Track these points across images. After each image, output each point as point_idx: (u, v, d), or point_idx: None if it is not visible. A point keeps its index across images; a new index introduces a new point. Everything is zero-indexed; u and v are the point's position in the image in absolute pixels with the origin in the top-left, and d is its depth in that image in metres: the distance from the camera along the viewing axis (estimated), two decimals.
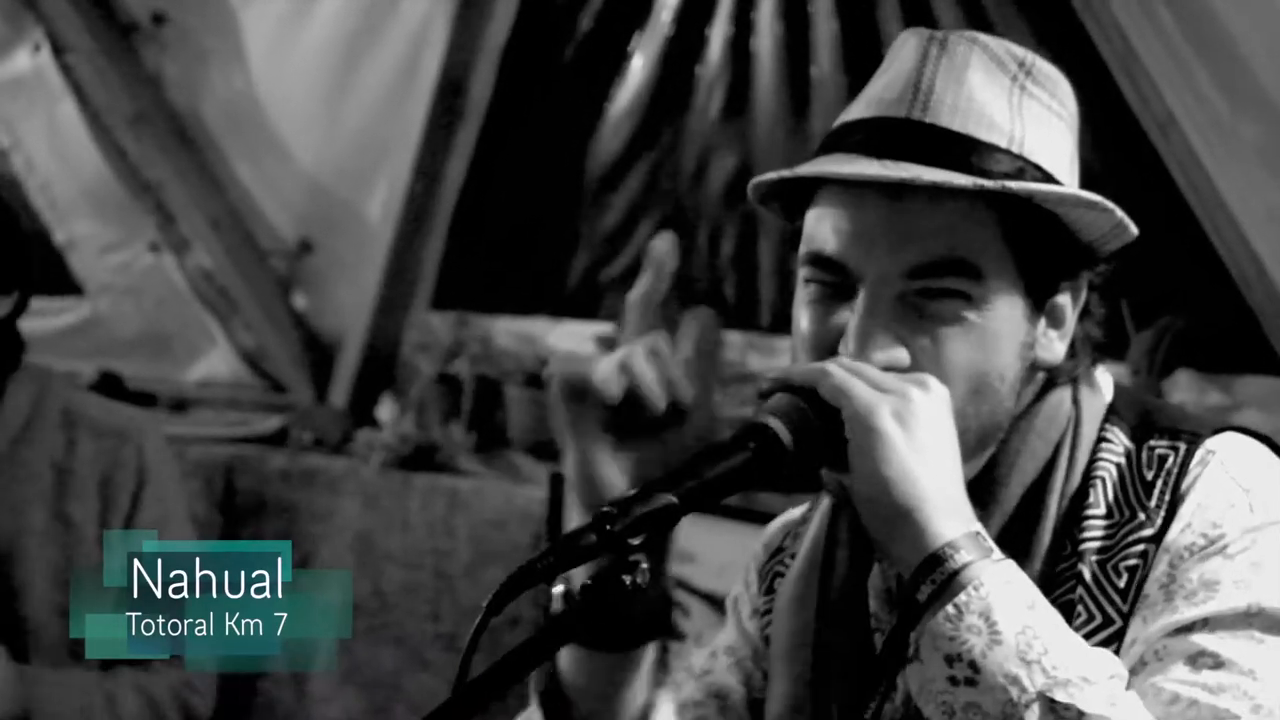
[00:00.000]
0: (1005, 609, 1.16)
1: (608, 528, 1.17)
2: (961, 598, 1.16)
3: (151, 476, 2.53)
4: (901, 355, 1.26)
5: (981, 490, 1.31)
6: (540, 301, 4.00)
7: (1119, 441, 1.33)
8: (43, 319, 4.45)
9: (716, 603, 3.28)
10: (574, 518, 1.29)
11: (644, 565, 1.18)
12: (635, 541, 1.17)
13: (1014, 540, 1.29)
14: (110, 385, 4.36)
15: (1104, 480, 1.31)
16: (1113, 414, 1.35)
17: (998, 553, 1.19)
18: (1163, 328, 2.68)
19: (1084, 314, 1.36)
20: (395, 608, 3.93)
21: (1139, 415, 1.35)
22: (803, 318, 1.31)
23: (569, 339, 3.92)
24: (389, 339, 4.16)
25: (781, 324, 3.56)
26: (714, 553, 3.19)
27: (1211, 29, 2.68)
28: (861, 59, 3.32)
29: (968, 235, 1.26)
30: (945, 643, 1.16)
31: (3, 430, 2.49)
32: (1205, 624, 1.20)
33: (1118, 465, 1.31)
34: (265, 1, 4.16)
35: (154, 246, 4.51)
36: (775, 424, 1.23)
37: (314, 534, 4.10)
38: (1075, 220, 1.29)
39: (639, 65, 3.72)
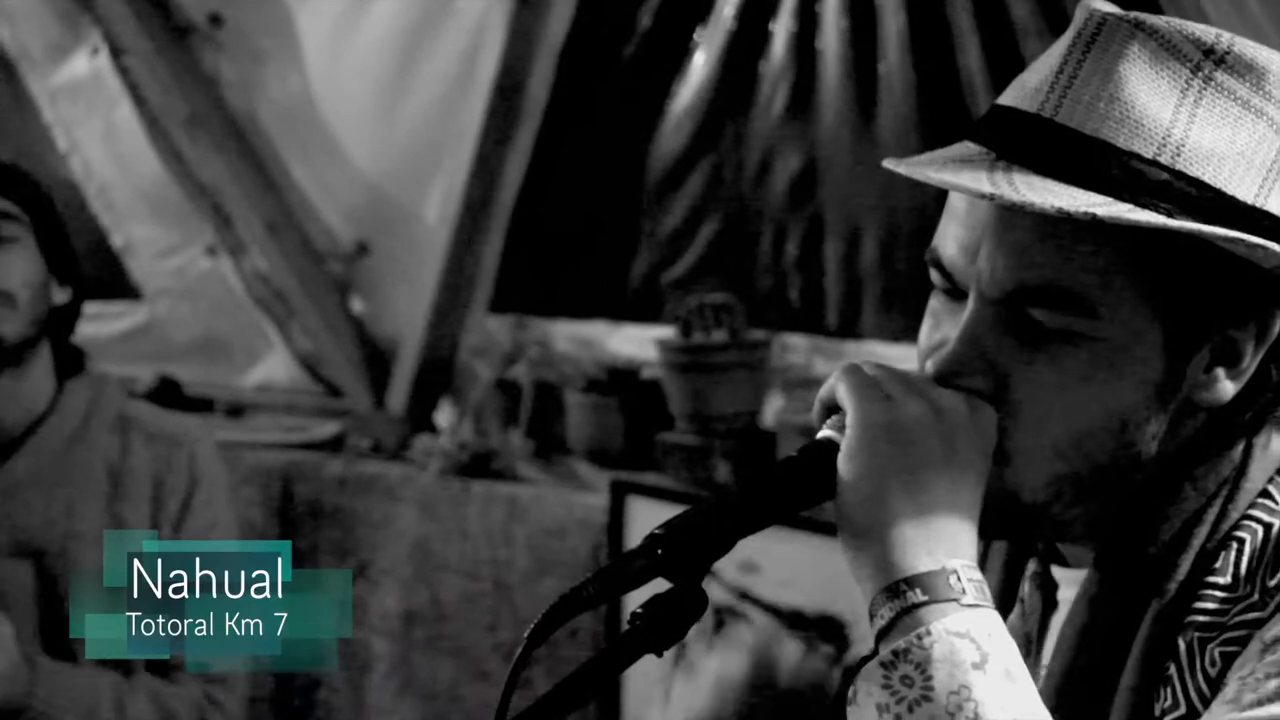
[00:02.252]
0: (945, 664, 1.05)
1: (658, 552, 1.12)
2: (902, 643, 1.06)
3: (202, 482, 2.58)
4: (983, 387, 1.16)
5: (1131, 537, 1.19)
6: (600, 304, 3.98)
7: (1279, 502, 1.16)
8: (101, 323, 4.46)
9: (781, 614, 3.22)
10: None
11: (701, 590, 1.12)
12: (689, 566, 1.12)
13: (1145, 597, 1.17)
14: (169, 390, 4.35)
15: (1244, 544, 1.15)
16: None
17: (970, 597, 1.08)
18: None
19: None
20: (453, 618, 3.90)
21: None
22: (925, 322, 1.22)
23: (630, 343, 3.90)
24: (447, 343, 4.13)
25: (847, 327, 3.54)
26: (779, 564, 3.15)
27: None
28: (930, 54, 3.27)
29: (1078, 265, 1.12)
30: (877, 690, 1.06)
31: (58, 431, 2.52)
32: None
33: (1266, 529, 1.14)
34: (321, 2, 4.14)
35: (211, 250, 4.50)
36: (837, 437, 1.16)
37: (371, 542, 4.08)
38: (1233, 250, 1.12)
39: (700, 62, 3.69)
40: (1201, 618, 1.13)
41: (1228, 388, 1.17)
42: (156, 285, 4.62)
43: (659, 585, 1.16)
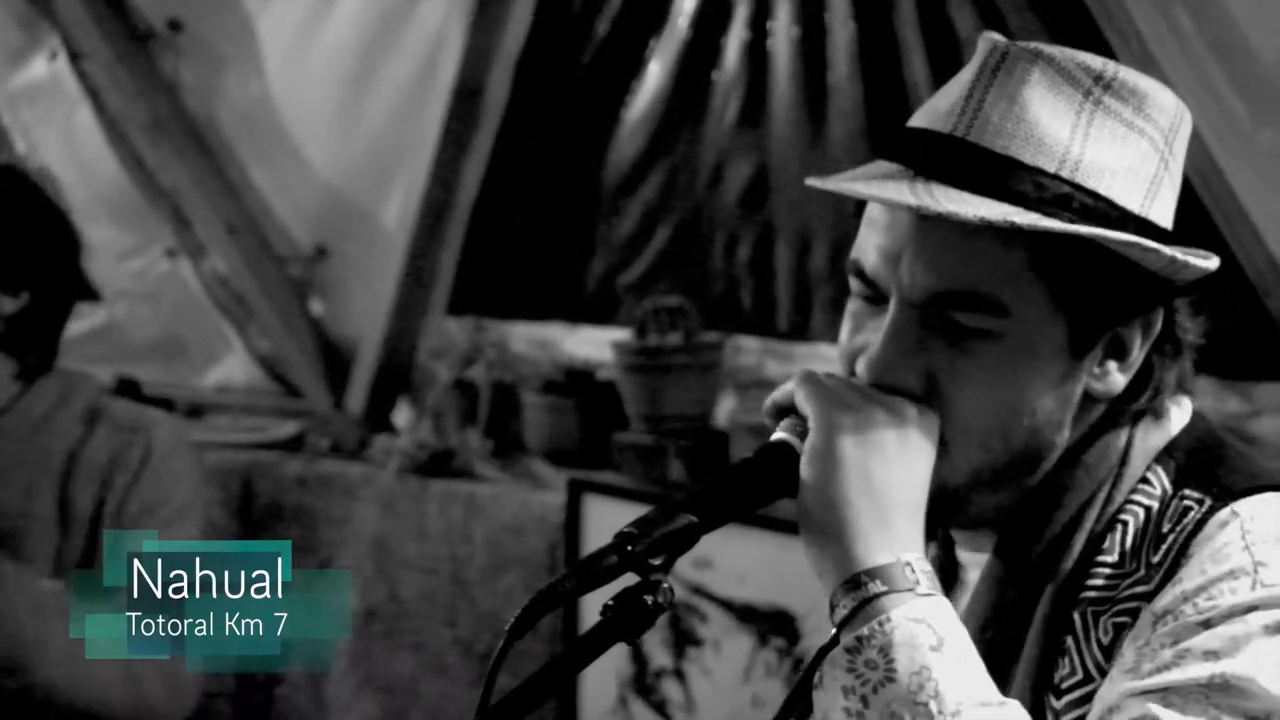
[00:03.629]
0: (905, 647, 1.13)
1: (629, 548, 1.18)
2: (865, 630, 1.15)
3: (155, 460, 2.55)
4: (914, 384, 1.25)
5: (1030, 521, 1.29)
6: (557, 307, 4.00)
7: (1158, 484, 1.27)
8: (66, 321, 4.48)
9: (734, 609, 3.29)
10: None
11: (666, 585, 1.19)
12: (656, 562, 1.19)
13: (1043, 577, 1.27)
14: (128, 390, 4.37)
15: (1127, 525, 1.26)
16: (1167, 453, 1.29)
17: (924, 586, 1.17)
18: None
19: (1168, 341, 1.29)
20: (412, 614, 3.94)
21: (1191, 456, 1.28)
22: (844, 326, 1.31)
23: (586, 345, 3.93)
24: (405, 345, 4.16)
25: (798, 330, 3.58)
26: (732, 560, 3.21)
27: (1229, 34, 2.67)
28: (877, 66, 3.32)
29: (991, 269, 1.22)
30: (842, 674, 1.15)
31: (23, 417, 2.54)
32: (1162, 692, 1.13)
33: (1147, 510, 1.26)
34: (281, 8, 4.15)
35: (170, 252, 4.53)
36: (794, 440, 1.24)
37: (331, 539, 4.12)
38: (1127, 253, 1.22)
39: (655, 71, 3.71)
40: (1093, 593, 1.23)
41: (1119, 380, 1.28)
42: (116, 287, 4.63)
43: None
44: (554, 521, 3.61)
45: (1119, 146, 1.24)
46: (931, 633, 1.14)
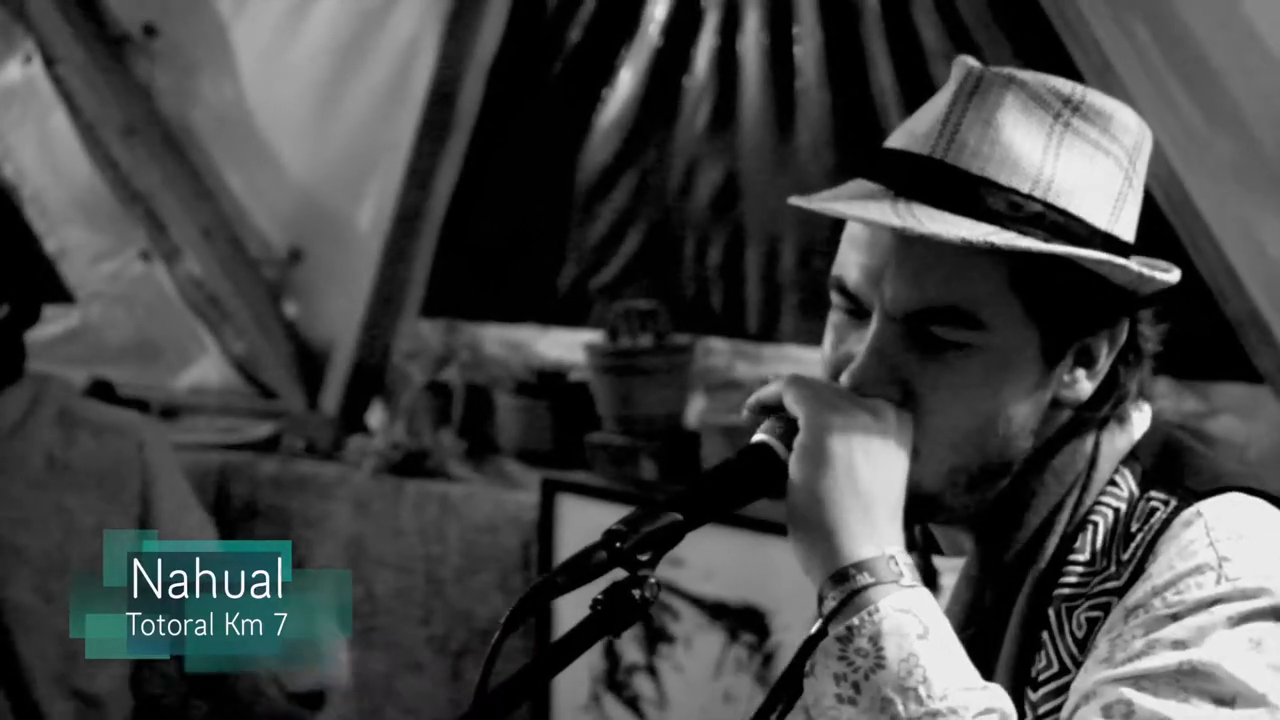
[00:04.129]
0: (894, 636, 1.19)
1: (617, 545, 1.23)
2: (855, 620, 1.20)
3: (158, 471, 2.60)
4: (894, 395, 1.30)
5: (1003, 524, 1.34)
6: (529, 309, 4.03)
7: (1125, 487, 1.33)
8: (34, 327, 4.49)
9: (705, 606, 3.34)
10: None
11: (652, 580, 1.23)
12: (643, 558, 1.23)
13: (1018, 576, 1.32)
14: (102, 392, 4.39)
15: (1097, 526, 1.32)
16: (1133, 457, 1.35)
17: (908, 578, 1.22)
18: None
19: (1131, 350, 1.35)
20: (387, 612, 3.97)
21: (1156, 459, 1.34)
22: (827, 336, 1.36)
23: (558, 347, 3.96)
24: (379, 347, 4.19)
25: (767, 332, 3.62)
26: (702, 558, 3.26)
27: (1187, 46, 2.72)
28: (845, 74, 3.36)
29: (972, 284, 1.28)
30: (834, 662, 1.20)
31: None
32: (1135, 679, 1.19)
33: (1115, 511, 1.31)
34: (256, 14, 4.18)
35: (145, 255, 4.54)
36: (774, 442, 1.30)
37: (306, 539, 4.13)
38: (1097, 269, 1.28)
39: (627, 78, 3.74)
40: (1066, 590, 1.29)
41: (1086, 388, 1.34)
42: (90, 289, 4.65)
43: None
44: (527, 520, 3.65)
45: (1087, 166, 1.29)
46: (917, 622, 1.20)
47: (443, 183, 4.01)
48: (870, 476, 1.25)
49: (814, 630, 1.24)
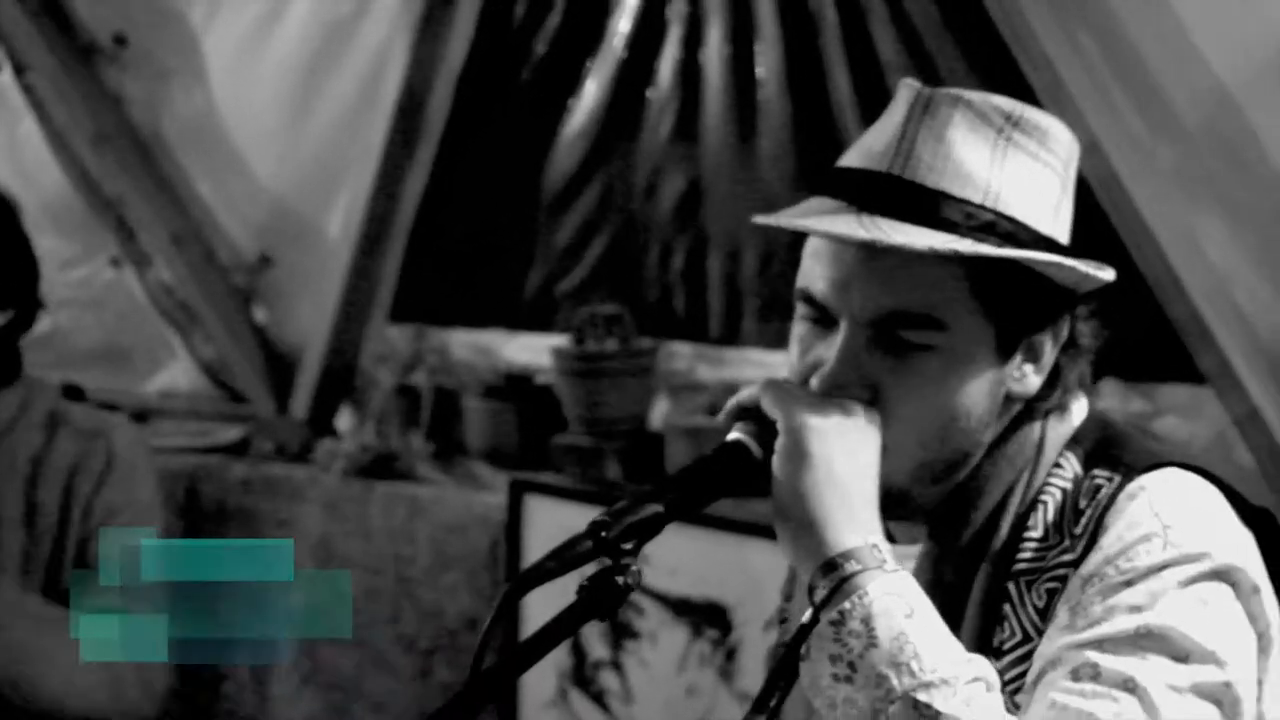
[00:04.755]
0: (884, 617, 1.27)
1: (602, 534, 1.30)
2: (846, 605, 1.28)
3: (118, 463, 2.65)
4: (863, 396, 1.39)
5: (960, 509, 1.43)
6: (496, 314, 4.06)
7: (1070, 469, 1.42)
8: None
9: (670, 603, 3.40)
10: None
11: (635, 567, 1.31)
12: (627, 547, 1.31)
13: (975, 555, 1.41)
14: (73, 397, 4.42)
15: (1047, 505, 1.41)
16: (1074, 442, 1.44)
17: (891, 564, 1.31)
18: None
19: (1071, 345, 1.45)
20: (356, 611, 3.96)
21: (1096, 443, 1.44)
22: (793, 345, 1.45)
23: (525, 351, 4.00)
24: (348, 351, 4.23)
25: (729, 336, 3.67)
26: (667, 555, 3.31)
27: (1131, 59, 2.80)
28: (805, 85, 3.42)
29: (933, 290, 1.37)
30: (829, 644, 1.29)
31: None
32: (1096, 643, 1.29)
33: (1063, 491, 1.41)
34: (227, 24, 4.21)
35: (115, 261, 4.58)
36: (748, 440, 1.38)
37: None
38: (1046, 271, 1.38)
39: (592, 88, 3.77)
40: (1023, 565, 1.39)
41: (1034, 381, 1.44)
42: (60, 295, 4.66)
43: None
44: (495, 521, 3.69)
45: (1028, 176, 1.40)
46: (904, 603, 1.29)
47: (411, 190, 4.04)
48: (848, 471, 1.34)
49: (805, 619, 1.32)
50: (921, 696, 1.24)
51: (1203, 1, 2.73)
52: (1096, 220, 2.76)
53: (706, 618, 3.34)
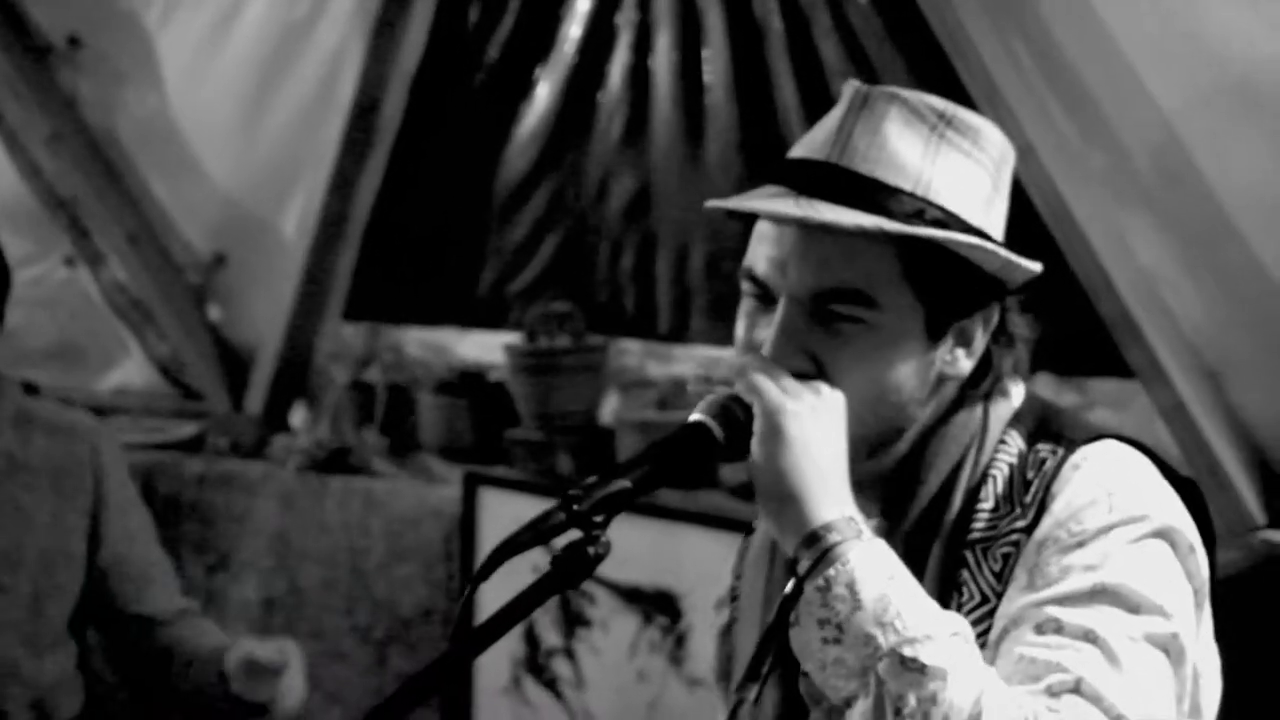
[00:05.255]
0: (867, 581, 1.35)
1: (574, 508, 1.37)
2: (831, 571, 1.36)
3: (110, 471, 2.72)
4: (805, 366, 1.47)
5: (905, 485, 1.52)
6: (450, 312, 4.12)
7: (1015, 445, 1.50)
8: None
9: (620, 591, 3.48)
10: None
11: (605, 539, 1.37)
12: (597, 519, 1.37)
13: (929, 527, 1.50)
14: (29, 393, 4.44)
15: (996, 478, 1.49)
16: (1016, 420, 1.53)
17: (867, 533, 1.39)
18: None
19: (1003, 334, 1.53)
20: (312, 603, 4.07)
21: (1037, 421, 1.52)
22: (739, 323, 1.53)
23: (477, 348, 4.06)
24: (303, 348, 4.28)
25: (677, 333, 3.74)
26: (618, 544, 3.35)
27: (1063, 67, 2.88)
28: (751, 90, 3.49)
29: (866, 267, 1.45)
30: (817, 609, 1.36)
31: None
32: (1056, 601, 1.38)
33: (1010, 465, 1.49)
34: (182, 26, 4.25)
35: (69, 260, 4.62)
36: (709, 421, 1.45)
37: (231, 534, 4.23)
38: (971, 256, 1.46)
39: (544, 92, 3.83)
40: (978, 534, 1.48)
41: (966, 364, 1.53)
42: (14, 294, 4.69)
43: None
44: (449, 514, 3.76)
45: (960, 171, 1.48)
46: (884, 567, 1.38)
47: (366, 190, 4.10)
48: (822, 450, 1.42)
49: (788, 590, 1.41)
50: (907, 651, 1.32)
51: (1131, 12, 2.81)
52: (1032, 223, 2.85)
53: (657, 605, 3.42)
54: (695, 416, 1.47)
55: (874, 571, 1.37)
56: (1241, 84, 2.68)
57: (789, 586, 1.41)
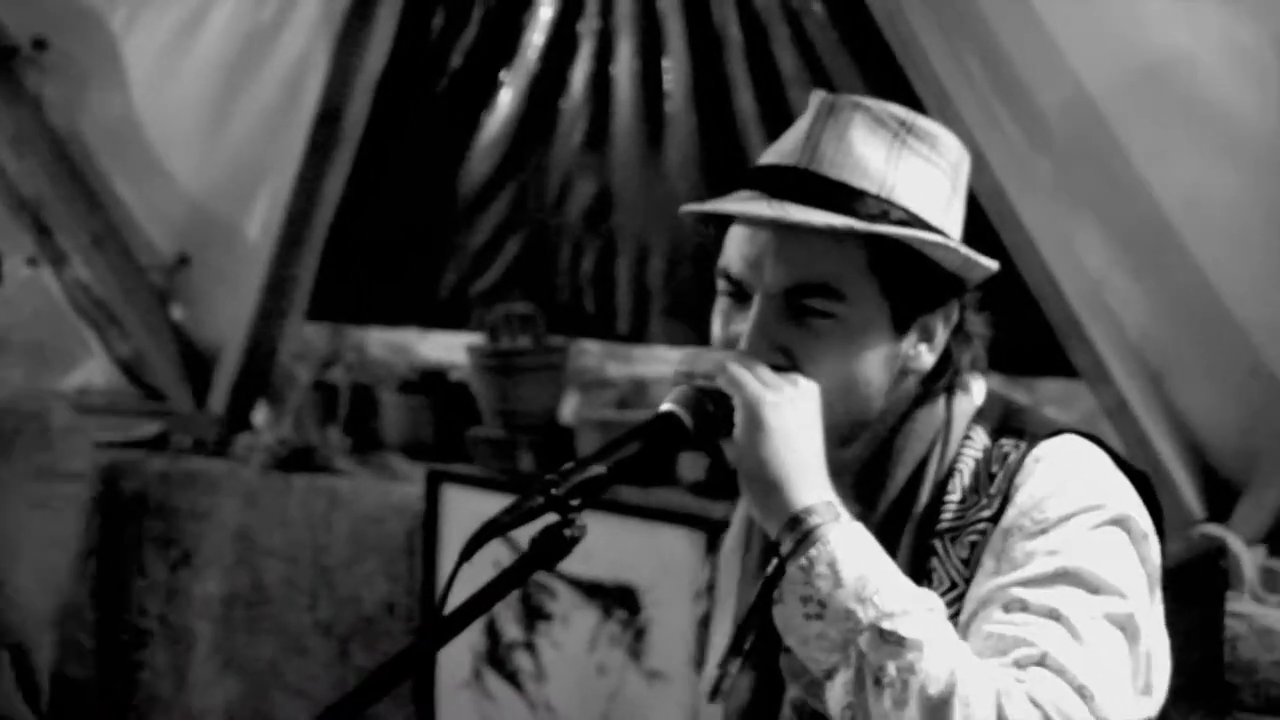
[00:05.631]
0: (847, 560, 1.43)
1: (552, 492, 1.44)
2: (813, 551, 1.44)
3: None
4: (780, 359, 1.55)
5: (875, 476, 1.61)
6: (412, 313, 4.17)
7: (979, 440, 1.59)
8: None
9: (581, 586, 3.54)
10: None
11: (580, 522, 1.44)
12: (574, 503, 1.44)
13: (899, 516, 1.58)
14: None
15: (963, 472, 1.58)
16: (980, 416, 1.61)
17: (845, 516, 1.47)
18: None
19: (961, 331, 1.62)
20: (275, 599, 4.11)
21: (1000, 418, 1.61)
22: (715, 320, 1.61)
23: (439, 348, 4.12)
24: (266, 349, 4.31)
25: (637, 334, 3.80)
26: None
27: (1012, 77, 2.96)
28: (710, 97, 3.55)
29: (835, 265, 1.54)
30: (800, 586, 1.44)
31: None
32: (1022, 583, 1.47)
33: (975, 460, 1.58)
34: (148, 29, 4.28)
35: (32, 260, 4.65)
36: (680, 411, 1.53)
37: (194, 532, 4.27)
38: (933, 254, 1.55)
39: (507, 98, 3.88)
40: (946, 524, 1.57)
41: (928, 360, 1.62)
42: None
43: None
44: (412, 510, 3.80)
45: (920, 175, 1.57)
46: (862, 548, 1.46)
47: (330, 193, 4.13)
48: (801, 438, 1.50)
49: (770, 571, 1.48)
50: (886, 625, 1.40)
51: (1075, 24, 2.88)
52: (983, 229, 2.89)
53: (616, 599, 3.47)
54: (666, 406, 1.54)
55: (853, 551, 1.45)
56: (1186, 98, 2.76)
57: (771, 567, 1.49)
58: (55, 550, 2.73)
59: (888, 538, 1.55)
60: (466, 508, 3.69)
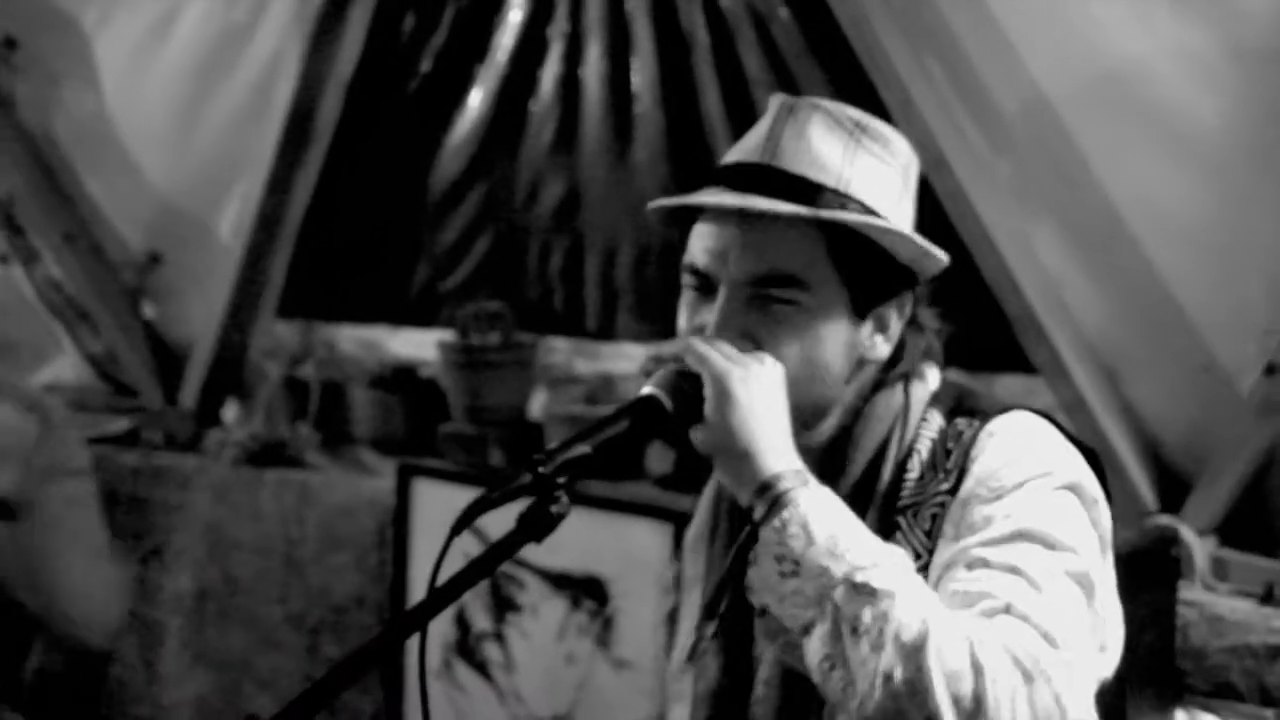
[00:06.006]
0: (817, 520, 1.52)
1: (539, 470, 1.51)
2: (785, 514, 1.52)
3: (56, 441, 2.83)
4: (745, 346, 1.63)
5: (837, 459, 1.69)
6: (382, 311, 4.20)
7: (935, 422, 1.68)
8: None
9: (550, 577, 3.58)
10: None
11: (566, 500, 1.51)
12: (560, 481, 1.51)
13: (862, 496, 1.66)
14: None
15: (921, 451, 1.67)
16: (935, 401, 1.71)
17: (814, 481, 1.56)
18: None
19: (914, 323, 1.72)
20: (246, 592, 4.13)
21: (954, 401, 1.71)
22: (681, 313, 1.70)
23: (409, 345, 4.16)
24: (237, 345, 4.34)
25: (605, 331, 3.84)
26: None
27: (973, 81, 3.02)
28: (677, 99, 3.60)
29: (797, 254, 1.63)
30: (774, 547, 1.52)
31: None
32: (982, 544, 1.55)
33: (932, 440, 1.67)
34: (120, 29, 4.30)
35: (3, 258, 4.66)
36: (659, 394, 1.61)
37: (165, 526, 4.28)
38: (890, 245, 1.65)
39: (477, 99, 3.91)
40: (906, 500, 1.66)
41: (884, 349, 1.72)
42: None
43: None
44: (382, 504, 3.83)
45: (874, 172, 1.67)
46: (831, 508, 1.54)
47: (301, 191, 4.16)
48: (766, 409, 1.58)
49: (743, 537, 1.56)
50: (859, 577, 1.48)
51: (1034, 31, 2.94)
52: (945, 229, 2.95)
53: (585, 590, 3.51)
54: (647, 390, 1.62)
55: (823, 512, 1.53)
56: (1141, 102, 2.82)
57: (744, 534, 1.57)
58: (93, 555, 2.80)
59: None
60: (437, 501, 3.72)
